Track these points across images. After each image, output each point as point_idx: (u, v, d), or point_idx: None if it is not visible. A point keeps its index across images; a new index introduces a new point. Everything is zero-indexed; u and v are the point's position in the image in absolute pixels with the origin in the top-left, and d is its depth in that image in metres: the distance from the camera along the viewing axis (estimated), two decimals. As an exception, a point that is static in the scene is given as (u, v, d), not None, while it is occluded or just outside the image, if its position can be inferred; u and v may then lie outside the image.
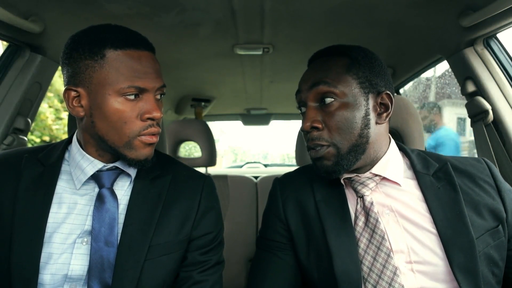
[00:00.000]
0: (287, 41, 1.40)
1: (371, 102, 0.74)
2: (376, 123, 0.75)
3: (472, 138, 1.20)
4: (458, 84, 1.22)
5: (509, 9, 0.88)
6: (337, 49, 0.77)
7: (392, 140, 0.82)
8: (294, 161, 1.88)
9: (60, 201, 0.73)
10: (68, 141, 0.81)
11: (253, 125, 3.07)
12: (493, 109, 1.10)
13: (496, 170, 0.80)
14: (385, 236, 0.72)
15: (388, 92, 0.75)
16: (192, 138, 1.73)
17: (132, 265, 0.71)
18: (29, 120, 1.23)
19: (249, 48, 1.44)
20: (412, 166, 0.79)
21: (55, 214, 0.72)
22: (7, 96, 1.15)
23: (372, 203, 0.75)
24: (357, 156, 0.74)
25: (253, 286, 0.83)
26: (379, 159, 0.77)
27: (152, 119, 0.71)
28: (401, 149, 0.84)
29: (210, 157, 1.72)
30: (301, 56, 1.58)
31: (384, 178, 0.77)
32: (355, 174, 0.78)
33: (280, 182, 0.89)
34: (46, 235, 0.70)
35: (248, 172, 3.14)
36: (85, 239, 0.71)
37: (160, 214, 0.76)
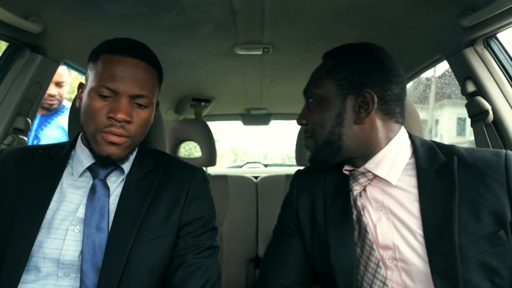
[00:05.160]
0: (287, 41, 1.40)
1: (349, 103, 0.77)
2: (355, 122, 0.77)
3: (472, 138, 1.20)
4: (458, 84, 1.22)
5: (509, 9, 0.88)
6: (331, 52, 0.84)
7: (399, 136, 0.79)
8: (294, 161, 1.88)
9: (60, 191, 0.80)
10: (76, 138, 0.89)
11: (253, 125, 3.07)
12: (493, 109, 1.10)
13: None
14: (368, 229, 0.75)
15: (369, 91, 0.75)
16: (192, 138, 1.73)
17: (119, 249, 0.75)
18: (29, 120, 1.23)
19: (249, 48, 1.44)
20: (416, 162, 0.77)
21: (55, 202, 0.78)
22: (7, 96, 1.15)
23: (357, 198, 0.78)
24: (332, 151, 0.79)
25: (265, 266, 0.89)
26: (372, 156, 0.78)
27: (113, 118, 0.76)
28: (412, 143, 0.81)
29: (210, 157, 1.72)
30: (301, 56, 1.58)
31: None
32: (353, 168, 0.81)
33: (299, 174, 0.95)
34: (45, 221, 0.75)
35: (248, 172, 3.14)
36: (77, 227, 0.76)
37: (150, 202, 0.81)
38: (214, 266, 0.85)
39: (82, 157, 0.83)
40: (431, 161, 0.76)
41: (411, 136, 0.82)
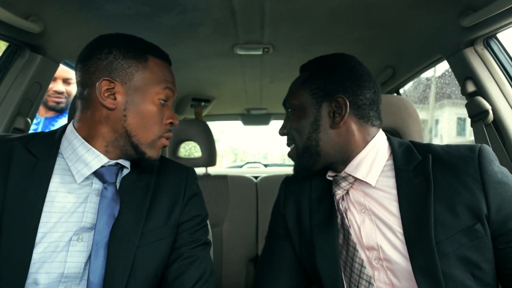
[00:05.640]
0: (287, 41, 1.40)
1: (324, 110, 0.81)
2: (331, 127, 0.80)
3: (472, 138, 1.20)
4: (458, 84, 1.22)
5: (509, 9, 0.88)
6: (305, 64, 0.90)
7: (376, 139, 0.81)
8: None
9: (53, 200, 0.71)
10: (61, 133, 0.79)
11: (253, 125, 3.07)
12: (493, 109, 1.10)
13: (488, 160, 0.73)
14: (351, 231, 0.78)
15: (341, 96, 0.79)
16: (192, 138, 1.73)
17: (124, 253, 0.73)
18: (29, 120, 1.23)
19: (249, 48, 1.45)
20: (394, 163, 0.80)
21: (49, 213, 0.70)
22: (7, 96, 1.15)
23: (339, 202, 0.81)
24: (312, 157, 0.82)
25: (259, 271, 0.93)
26: (351, 159, 0.81)
27: (173, 124, 0.81)
28: (390, 144, 0.84)
29: (210, 157, 1.72)
30: (301, 56, 1.58)
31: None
32: (335, 174, 0.84)
33: (287, 180, 0.99)
34: (39, 235, 0.68)
35: (248, 172, 3.14)
36: (81, 236, 0.72)
37: (149, 203, 0.79)
38: (209, 260, 0.86)
39: (89, 157, 0.74)
40: (408, 161, 0.78)
41: (389, 138, 0.84)
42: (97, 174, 0.75)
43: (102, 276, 0.71)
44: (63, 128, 0.80)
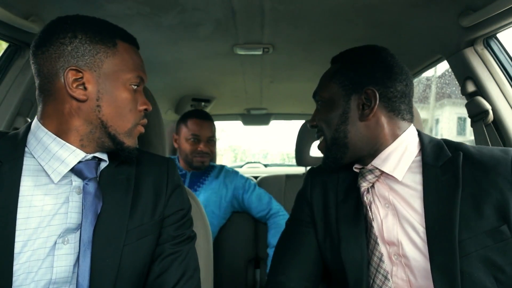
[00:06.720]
0: (287, 41, 1.40)
1: (354, 102, 0.80)
2: (360, 120, 0.79)
3: (472, 138, 1.20)
4: (458, 84, 1.22)
5: (509, 9, 0.88)
6: (336, 56, 0.89)
7: (407, 133, 0.80)
8: (294, 161, 1.88)
9: (30, 204, 0.65)
10: (26, 132, 0.72)
11: (253, 125, 3.07)
12: (493, 109, 1.10)
13: None
14: (373, 224, 0.78)
15: (371, 88, 0.77)
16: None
17: (110, 253, 0.69)
18: (29, 120, 1.23)
19: (249, 48, 1.44)
20: (423, 159, 0.78)
21: (26, 220, 0.64)
22: (7, 96, 1.15)
23: (363, 194, 0.80)
24: (340, 149, 0.82)
25: (277, 256, 0.92)
26: (379, 153, 0.79)
27: (146, 110, 0.77)
28: (421, 140, 0.82)
29: (210, 157, 1.71)
30: (301, 56, 1.58)
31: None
32: (362, 166, 0.83)
33: (313, 171, 0.99)
34: (19, 244, 0.62)
35: (248, 172, 3.14)
36: (66, 238, 0.67)
37: (132, 199, 0.75)
38: (193, 254, 0.83)
39: (63, 154, 0.68)
40: (437, 157, 0.76)
41: (420, 134, 0.82)
42: (75, 171, 0.70)
43: (89, 278, 0.67)
44: (27, 126, 0.73)
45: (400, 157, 0.78)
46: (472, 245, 0.67)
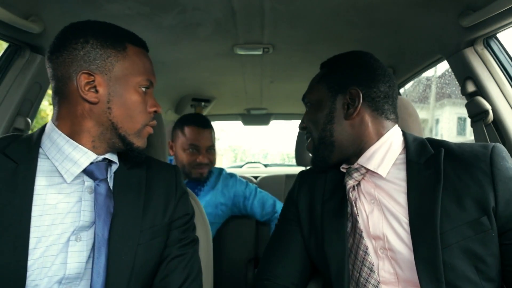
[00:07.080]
0: (287, 41, 1.40)
1: (339, 102, 0.84)
2: (345, 118, 0.83)
3: (472, 138, 1.20)
4: (458, 84, 1.22)
5: (509, 9, 0.88)
6: (324, 62, 0.94)
7: (391, 132, 0.83)
8: (294, 161, 1.89)
9: (44, 202, 0.69)
10: (40, 134, 0.75)
11: (253, 125, 3.08)
12: (493, 109, 1.10)
13: (501, 156, 0.74)
14: (358, 219, 0.80)
15: (355, 88, 0.81)
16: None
17: (126, 251, 0.72)
18: (29, 120, 1.23)
19: (249, 48, 1.45)
20: (406, 156, 0.81)
21: (40, 217, 0.67)
22: (7, 96, 1.15)
23: (349, 191, 0.83)
24: (327, 147, 0.85)
25: (266, 254, 0.95)
26: (364, 151, 0.82)
27: (155, 112, 0.80)
28: (405, 139, 0.85)
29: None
30: (301, 56, 1.58)
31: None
32: (349, 166, 0.86)
33: (303, 173, 1.02)
34: (33, 240, 0.65)
35: (248, 172, 3.14)
36: (79, 236, 0.70)
37: (144, 201, 0.79)
38: (196, 258, 0.86)
39: (76, 155, 0.71)
40: (420, 154, 0.80)
41: (404, 134, 0.86)
42: (87, 171, 0.73)
43: (105, 275, 0.69)
44: (41, 128, 0.77)
45: (384, 155, 0.81)
46: (454, 236, 0.70)
